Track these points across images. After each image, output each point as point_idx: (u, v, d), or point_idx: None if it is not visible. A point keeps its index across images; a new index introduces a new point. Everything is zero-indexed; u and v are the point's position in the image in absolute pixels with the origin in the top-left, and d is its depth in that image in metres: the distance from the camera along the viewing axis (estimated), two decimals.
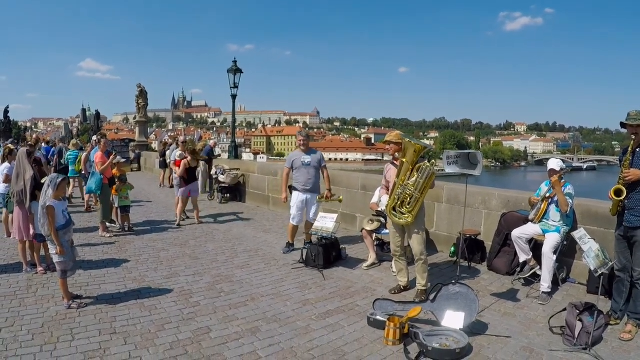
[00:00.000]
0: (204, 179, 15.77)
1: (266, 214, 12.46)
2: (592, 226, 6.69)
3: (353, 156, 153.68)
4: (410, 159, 5.80)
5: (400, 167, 5.94)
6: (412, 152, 5.76)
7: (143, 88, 26.63)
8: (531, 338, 5.09)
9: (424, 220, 6.30)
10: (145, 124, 28.29)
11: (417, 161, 5.83)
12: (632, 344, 4.96)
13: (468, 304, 5.13)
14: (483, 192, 8.29)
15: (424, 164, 5.80)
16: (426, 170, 5.77)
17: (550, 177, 6.57)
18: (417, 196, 5.84)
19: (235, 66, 18.35)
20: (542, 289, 6.33)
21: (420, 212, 6.02)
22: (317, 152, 8.47)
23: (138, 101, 26.59)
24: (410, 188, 5.84)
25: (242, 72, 18.54)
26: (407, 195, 5.88)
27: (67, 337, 4.74)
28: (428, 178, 5.80)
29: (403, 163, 5.88)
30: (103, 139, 10.20)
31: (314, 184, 8.30)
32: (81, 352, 4.43)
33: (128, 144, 28.73)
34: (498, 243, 7.52)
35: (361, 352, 4.68)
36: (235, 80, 18.37)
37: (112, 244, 8.63)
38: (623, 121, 5.07)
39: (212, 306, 5.75)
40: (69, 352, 4.44)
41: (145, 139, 28.26)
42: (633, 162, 5.05)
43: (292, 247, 8.54)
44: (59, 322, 5.08)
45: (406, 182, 5.86)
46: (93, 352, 4.46)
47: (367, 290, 6.51)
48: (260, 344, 4.78)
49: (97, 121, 35.13)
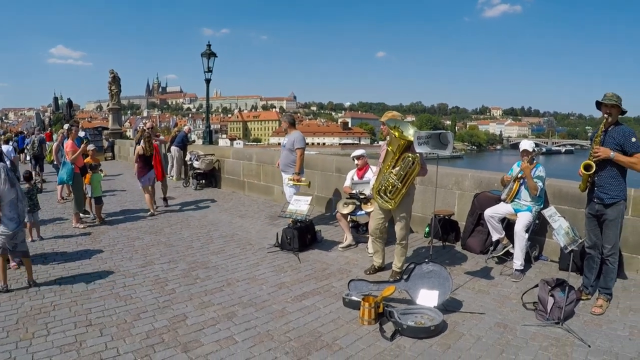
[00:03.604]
0: (178, 165, 15.68)
1: (242, 199, 12.43)
2: (563, 205, 6.82)
3: (330, 140, 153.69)
4: (394, 149, 5.75)
5: (386, 154, 5.93)
6: (396, 144, 5.72)
7: (116, 74, 26.21)
8: (505, 314, 5.18)
9: (411, 206, 6.26)
10: (118, 111, 27.87)
11: (403, 151, 5.74)
12: (603, 318, 5.10)
13: (441, 282, 5.19)
14: (456, 172, 8.37)
15: (408, 156, 5.70)
16: (408, 162, 5.71)
17: (522, 158, 6.66)
18: (398, 186, 5.80)
19: (209, 50, 18.16)
20: (515, 266, 6.43)
21: (407, 198, 5.98)
22: (294, 134, 8.48)
23: (111, 88, 26.17)
24: (392, 177, 5.81)
25: (216, 56, 18.36)
26: (389, 184, 5.87)
27: (43, 331, 4.69)
28: (410, 169, 5.73)
29: (388, 151, 5.86)
30: (74, 127, 10.05)
31: (284, 165, 8.43)
32: (57, 347, 4.39)
33: (101, 132, 28.35)
34: (471, 223, 7.62)
35: (337, 333, 4.72)
36: (209, 65, 18.21)
37: (86, 235, 8.51)
38: (599, 100, 5.17)
39: (188, 293, 5.74)
40: (45, 347, 4.39)
41: (119, 127, 27.83)
42: (604, 141, 5.18)
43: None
44: (33, 317, 5.01)
45: (390, 171, 5.85)
46: (69, 345, 4.42)
47: (343, 272, 6.55)
48: (237, 328, 4.79)
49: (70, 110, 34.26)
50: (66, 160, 9.26)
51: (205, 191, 13.78)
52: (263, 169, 12.58)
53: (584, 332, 4.69)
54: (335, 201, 9.65)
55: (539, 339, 4.61)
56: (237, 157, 13.74)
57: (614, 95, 5.12)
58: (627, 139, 5.03)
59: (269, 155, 12.99)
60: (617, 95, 5.12)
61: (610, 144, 5.11)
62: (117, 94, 26.55)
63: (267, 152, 13.57)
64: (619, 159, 5.03)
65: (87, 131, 27.32)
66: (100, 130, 28.85)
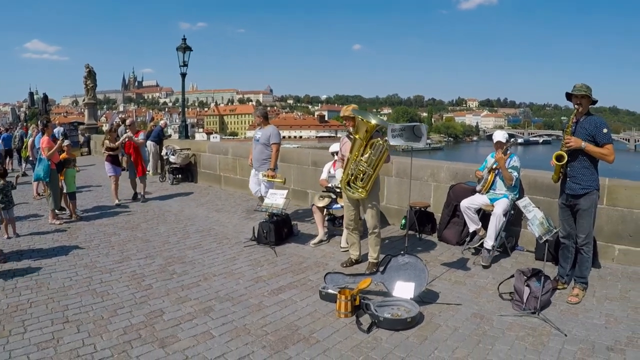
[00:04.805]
0: (154, 160, 15.55)
1: (218, 193, 12.39)
2: (539, 196, 6.92)
3: (307, 133, 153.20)
4: (362, 136, 5.81)
5: (354, 143, 5.97)
6: (364, 130, 5.78)
7: (91, 69, 25.87)
8: (481, 305, 5.24)
9: (378, 194, 6.35)
10: (94, 105, 27.52)
11: (372, 137, 5.85)
12: (579, 307, 5.18)
13: (417, 274, 5.23)
14: (432, 164, 8.44)
15: (377, 141, 5.81)
16: (379, 147, 5.79)
17: (497, 150, 6.73)
18: (370, 172, 5.88)
19: (184, 44, 17.97)
20: (486, 245, 6.55)
21: (374, 186, 6.07)
22: (269, 128, 8.41)
23: (86, 82, 25.84)
24: (363, 164, 5.87)
25: (191, 50, 18.17)
26: (360, 172, 5.92)
27: (19, 329, 4.63)
28: (381, 154, 5.83)
29: (356, 139, 5.91)
30: (49, 123, 9.94)
31: (258, 160, 8.33)
32: (34, 344, 4.34)
33: (77, 127, 27.95)
34: (447, 214, 7.69)
35: (314, 326, 4.73)
36: (184, 59, 18.01)
37: (63, 231, 8.42)
38: (569, 92, 5.22)
39: (165, 288, 5.71)
40: (22, 344, 4.34)
41: (95, 122, 27.48)
42: (575, 131, 5.22)
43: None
44: (10, 315, 4.95)
45: (359, 159, 5.90)
46: (46, 342, 4.37)
47: (319, 265, 6.57)
48: (214, 323, 4.79)
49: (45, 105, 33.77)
50: (42, 156, 9.14)
51: (182, 186, 13.71)
52: (239, 162, 12.55)
53: (561, 322, 4.76)
54: (312, 194, 9.67)
55: (516, 329, 4.66)
56: (213, 152, 13.69)
57: (584, 85, 5.16)
58: (599, 130, 5.07)
59: (245, 149, 12.91)
60: (587, 86, 5.16)
61: (582, 134, 5.14)
62: (93, 89, 26.23)
63: (243, 146, 13.51)
64: (590, 149, 5.08)
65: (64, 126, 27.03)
66: (76, 125, 28.38)
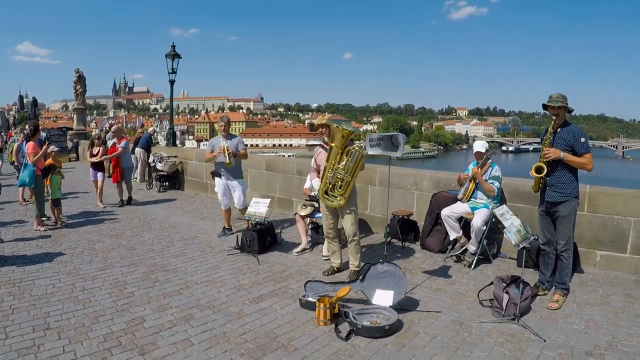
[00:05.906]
0: (142, 167, 15.54)
1: (204, 201, 12.39)
2: (520, 203, 7.04)
3: (297, 141, 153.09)
4: (339, 143, 5.91)
5: (330, 152, 6.04)
6: (339, 137, 5.88)
7: (81, 73, 25.88)
8: (461, 312, 5.30)
9: (356, 201, 6.42)
10: (83, 111, 27.50)
11: (347, 145, 5.94)
12: (559, 313, 5.25)
13: (396, 282, 5.29)
14: (415, 173, 8.52)
15: (353, 148, 5.91)
16: (355, 153, 5.89)
17: (477, 160, 6.83)
18: (347, 179, 5.96)
19: (173, 51, 18.02)
20: (470, 249, 6.70)
21: (351, 194, 6.14)
22: (236, 137, 8.44)
23: (76, 87, 25.87)
24: (340, 172, 5.94)
25: (180, 57, 18.23)
26: (337, 179, 5.99)
27: (1, 335, 4.63)
28: (358, 161, 5.92)
29: (332, 147, 5.98)
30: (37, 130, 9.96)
31: (232, 169, 8.30)
32: (15, 350, 4.35)
33: (66, 132, 27.88)
34: (430, 222, 7.76)
35: (293, 334, 4.77)
36: (173, 66, 18.07)
37: (47, 238, 8.40)
38: (545, 103, 5.31)
39: (147, 296, 5.73)
40: (3, 350, 4.35)
41: (84, 127, 27.45)
42: (554, 142, 5.32)
43: (228, 230, 8.65)
44: None
45: (336, 166, 5.97)
46: (27, 349, 4.38)
47: (301, 273, 6.61)
48: (194, 330, 4.81)
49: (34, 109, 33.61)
50: (27, 162, 9.13)
51: (169, 193, 13.71)
52: None
53: (540, 327, 4.82)
54: (296, 203, 9.72)
55: (495, 335, 4.72)
56: (200, 159, 13.64)
57: (560, 95, 5.25)
58: (577, 140, 5.17)
59: None
60: (563, 96, 5.25)
61: (560, 145, 5.24)
62: (82, 94, 26.23)
63: None
64: (569, 159, 5.17)
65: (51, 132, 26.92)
66: (65, 131, 28.33)
